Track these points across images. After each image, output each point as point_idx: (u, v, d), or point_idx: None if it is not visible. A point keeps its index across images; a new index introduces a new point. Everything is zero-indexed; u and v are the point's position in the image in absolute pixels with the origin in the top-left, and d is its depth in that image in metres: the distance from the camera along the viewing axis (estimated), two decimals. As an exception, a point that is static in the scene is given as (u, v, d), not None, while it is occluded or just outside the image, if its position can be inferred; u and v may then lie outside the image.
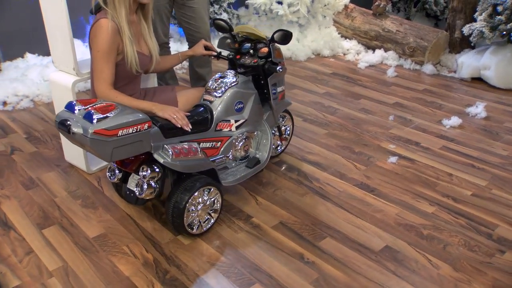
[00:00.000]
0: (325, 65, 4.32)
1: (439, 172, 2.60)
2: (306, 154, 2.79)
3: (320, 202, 2.34)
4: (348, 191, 2.43)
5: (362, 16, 4.66)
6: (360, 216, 2.24)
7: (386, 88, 3.78)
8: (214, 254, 2.00)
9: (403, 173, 2.59)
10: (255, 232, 2.13)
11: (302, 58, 4.47)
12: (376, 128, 3.10)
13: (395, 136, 2.99)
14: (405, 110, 3.38)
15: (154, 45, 2.26)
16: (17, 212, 2.28)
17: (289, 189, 2.45)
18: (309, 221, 2.20)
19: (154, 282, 1.85)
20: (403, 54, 4.31)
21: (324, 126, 3.13)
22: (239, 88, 2.25)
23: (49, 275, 1.89)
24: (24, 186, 2.49)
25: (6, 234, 2.13)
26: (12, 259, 1.98)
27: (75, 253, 2.01)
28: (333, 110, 3.37)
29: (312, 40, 4.68)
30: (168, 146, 1.92)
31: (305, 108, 3.40)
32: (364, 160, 2.71)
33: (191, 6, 2.95)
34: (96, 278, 1.87)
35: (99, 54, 2.01)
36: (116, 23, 2.01)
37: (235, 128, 2.27)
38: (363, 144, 2.90)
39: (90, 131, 1.66)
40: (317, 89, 3.75)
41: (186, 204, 1.96)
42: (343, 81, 3.93)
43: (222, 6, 4.54)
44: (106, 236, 2.11)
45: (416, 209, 2.28)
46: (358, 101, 3.52)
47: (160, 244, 2.06)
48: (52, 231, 2.15)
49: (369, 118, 3.24)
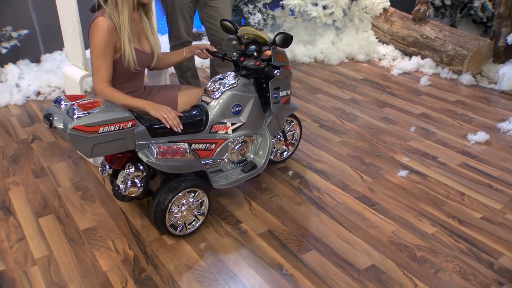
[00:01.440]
0: (356, 70, 4.18)
1: (450, 190, 2.43)
2: (313, 161, 2.71)
3: (315, 212, 2.26)
4: (347, 203, 2.33)
5: (401, 21, 4.46)
6: (352, 230, 2.13)
7: (415, 97, 3.60)
8: (194, 257, 1.98)
9: (410, 188, 2.45)
10: (240, 238, 2.09)
11: (334, 62, 4.36)
12: (393, 139, 2.95)
13: (412, 149, 2.83)
14: (430, 121, 3.20)
15: (155, 42, 2.27)
16: (20, 199, 2.37)
17: (286, 196, 2.39)
18: (298, 231, 2.13)
19: (128, 279, 1.86)
20: (441, 62, 4.09)
21: (339, 134, 3.02)
22: (237, 91, 2.21)
23: (33, 263, 1.96)
24: (34, 174, 2.59)
25: (6, 219, 2.23)
26: (4, 244, 2.07)
27: (62, 244, 2.06)
28: (353, 118, 3.25)
29: (347, 44, 4.55)
30: (154, 146, 1.92)
31: (324, 114, 3.30)
32: (373, 172, 2.59)
33: (213, 6, 2.95)
34: (74, 270, 1.91)
35: (96, 52, 2.05)
36: (114, 21, 2.04)
37: (232, 131, 2.23)
38: (375, 155, 2.77)
39: (70, 126, 1.69)
40: (342, 95, 3.64)
41: (168, 204, 1.96)
42: (371, 87, 3.79)
43: (257, 6, 4.51)
44: (96, 229, 2.16)
45: (415, 228, 2.15)
46: (382, 110, 3.38)
47: (144, 242, 2.07)
48: (47, 220, 2.22)
49: (389, 128, 3.10)
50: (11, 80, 3.69)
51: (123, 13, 2.04)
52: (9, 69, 3.74)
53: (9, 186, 2.49)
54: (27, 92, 3.62)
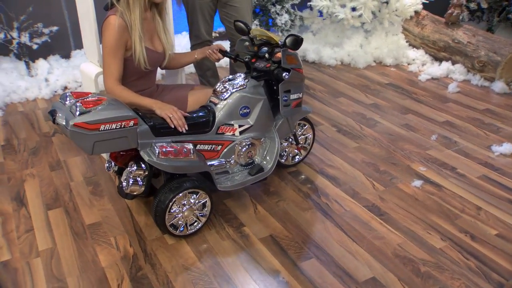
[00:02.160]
0: (383, 75, 4.07)
1: (466, 203, 2.32)
2: (326, 166, 2.65)
3: (320, 219, 2.21)
4: (355, 211, 2.27)
5: (433, 25, 4.32)
6: (357, 240, 2.07)
7: (441, 104, 3.47)
8: (192, 258, 1.98)
9: (423, 199, 2.35)
10: (241, 242, 2.07)
11: (361, 65, 4.26)
12: (412, 147, 2.85)
13: (430, 158, 2.72)
14: (454, 130, 3.07)
15: (168, 42, 2.28)
16: (34, 191, 2.44)
17: (293, 201, 2.34)
18: (300, 238, 2.09)
19: (124, 277, 1.88)
20: (472, 68, 3.92)
21: (356, 139, 2.95)
22: (246, 93, 2.19)
23: (37, 254, 2.00)
24: (50, 167, 2.66)
25: (18, 210, 2.30)
26: (13, 234, 2.13)
27: (67, 237, 2.10)
28: (373, 123, 3.16)
29: (376, 47, 4.44)
30: (157, 145, 1.93)
31: (344, 118, 3.23)
32: (386, 181, 2.51)
33: (233, 6, 2.94)
34: (75, 265, 1.94)
35: (106, 50, 2.07)
36: (126, 20, 2.06)
37: (239, 133, 2.21)
38: (391, 162, 2.68)
39: (71, 123, 1.72)
40: (365, 99, 3.55)
41: (169, 203, 1.96)
42: (396, 93, 3.68)
43: (284, 7, 4.47)
44: (100, 225, 2.19)
45: (423, 241, 2.06)
46: (404, 116, 3.27)
47: (146, 240, 2.08)
48: (56, 213, 2.27)
49: (409, 135, 2.99)
50: (40, 75, 3.80)
51: (135, 12, 2.06)
52: (39, 64, 3.86)
53: (26, 177, 2.56)
54: (54, 86, 3.73)
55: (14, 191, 2.44)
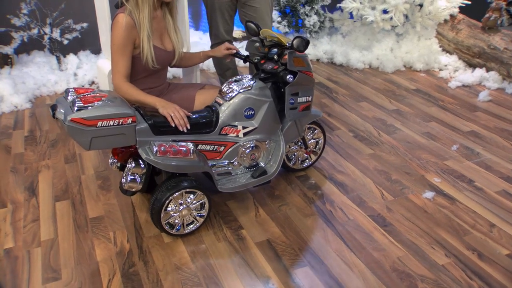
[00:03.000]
0: (411, 80, 3.94)
1: (479, 219, 2.20)
2: (336, 172, 2.58)
3: (321, 227, 2.15)
4: (358, 220, 2.20)
5: (468, 29, 4.13)
6: (355, 251, 2.00)
7: (468, 113, 3.31)
8: (185, 258, 1.98)
9: (433, 212, 2.25)
10: (236, 245, 2.05)
11: (389, 70, 4.14)
12: (430, 157, 2.73)
13: (448, 169, 2.60)
14: (478, 141, 2.92)
15: (178, 40, 2.29)
16: (46, 182, 2.51)
17: (296, 206, 2.30)
18: (297, 245, 2.05)
19: (116, 272, 1.90)
20: (508, 76, 3.73)
21: (372, 146, 2.86)
22: (250, 94, 2.16)
23: (38, 244, 2.06)
24: (65, 159, 2.74)
25: (28, 200, 2.37)
26: (19, 223, 2.20)
27: (69, 229, 2.15)
28: (392, 130, 3.06)
29: (407, 52, 4.30)
30: (155, 143, 1.94)
31: (362, 124, 3.14)
32: (396, 190, 2.42)
33: (252, 6, 2.92)
34: (71, 257, 1.98)
35: (114, 47, 2.10)
36: (134, 18, 2.08)
37: (243, 135, 2.19)
38: (405, 172, 2.58)
39: (68, 118, 1.76)
40: (388, 105, 3.44)
41: (165, 202, 1.97)
42: (422, 99, 3.54)
43: (314, 8, 4.41)
44: (102, 219, 2.22)
45: (425, 256, 1.97)
46: (427, 124, 3.15)
47: (143, 237, 2.10)
48: (63, 205, 2.33)
49: (428, 144, 2.87)
50: (70, 69, 3.93)
51: (144, 11, 2.08)
52: (69, 59, 3.99)
53: (41, 168, 2.65)
54: (82, 81, 3.83)
55: (29, 181, 2.53)
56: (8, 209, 2.30)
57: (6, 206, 2.32)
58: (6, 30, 3.74)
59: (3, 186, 2.48)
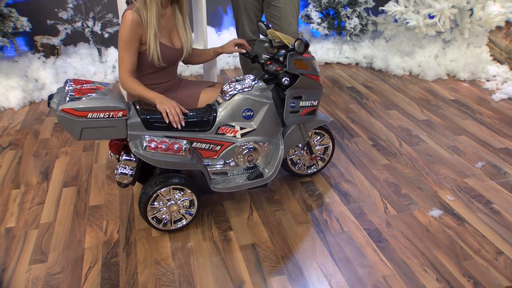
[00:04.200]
0: (451, 90, 3.70)
1: (486, 245, 2.02)
2: (343, 181, 2.49)
3: (312, 236, 2.08)
4: (352, 233, 2.10)
5: (522, 38, 3.82)
6: (340, 265, 1.91)
7: (507, 129, 3.06)
8: (167, 254, 1.99)
9: (436, 232, 2.10)
10: (220, 246, 2.03)
11: (430, 78, 3.92)
12: (449, 172, 2.56)
13: (465, 187, 2.42)
14: (509, 159, 2.69)
15: (187, 38, 2.30)
16: (60, 168, 2.63)
17: (292, 212, 2.24)
18: (281, 252, 1.99)
19: (98, 260, 1.95)
20: (560, 91, 3.40)
21: (389, 156, 2.72)
22: (249, 95, 2.13)
23: (36, 226, 2.16)
24: (84, 147, 2.85)
25: (40, 183, 2.50)
26: (26, 205, 2.32)
27: (67, 215, 2.24)
28: (415, 141, 2.90)
29: (452, 60, 4.05)
30: (146, 138, 1.97)
31: (385, 132, 3.00)
32: (402, 205, 2.29)
33: (277, 6, 2.89)
34: (61, 241, 2.06)
35: (121, 44, 2.15)
36: (141, 16, 2.12)
37: (240, 136, 2.17)
38: (417, 186, 2.44)
39: (59, 108, 1.82)
40: (418, 115, 3.26)
41: (152, 196, 1.99)
42: (458, 111, 3.32)
43: (356, 11, 4.28)
44: (100, 208, 2.29)
45: (413, 278, 1.84)
46: (456, 137, 2.94)
47: (133, 229, 2.14)
48: (69, 191, 2.43)
49: (451, 159, 2.69)
50: (109, 62, 4.09)
51: (151, 9, 2.10)
52: (110, 52, 4.15)
53: (60, 154, 2.78)
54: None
55: (45, 165, 2.66)
56: (20, 191, 2.43)
57: (19, 188, 2.45)
58: (54, 23, 3.96)
59: (23, 168, 2.63)
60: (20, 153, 2.79)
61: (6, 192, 2.42)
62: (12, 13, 3.65)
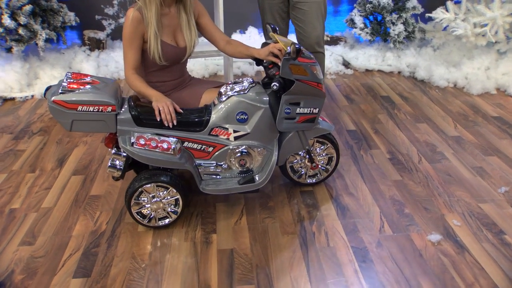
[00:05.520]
0: (497, 106, 3.41)
1: (482, 278, 1.83)
2: (345, 193, 2.38)
3: (293, 248, 2.01)
4: (337, 249, 1.99)
5: None
6: (313, 281, 1.83)
7: (548, 152, 2.77)
8: (145, 249, 2.01)
9: (429, 258, 1.94)
10: (199, 247, 2.02)
11: (475, 92, 3.64)
12: (465, 195, 2.35)
13: (479, 213, 2.21)
14: (540, 187, 2.43)
15: (191, 38, 2.30)
16: (76, 157, 2.76)
17: (282, 222, 2.18)
18: (258, 261, 1.94)
19: (80, 249, 2.01)
20: None
21: (403, 172, 2.56)
22: (244, 98, 2.10)
23: (36, 210, 2.28)
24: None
25: (54, 169, 2.63)
26: (35, 189, 2.45)
27: (67, 202, 2.33)
28: (438, 158, 2.70)
29: (504, 73, 3.74)
30: (135, 134, 2.00)
31: (407, 147, 2.83)
32: (401, 225, 2.14)
33: (301, 8, 2.83)
34: (54, 227, 2.15)
35: (124, 41, 2.20)
36: (142, 14, 2.15)
37: (234, 139, 2.14)
38: (424, 206, 2.27)
39: (51, 99, 1.91)
40: (450, 131, 3.04)
41: (136, 190, 2.02)
42: (497, 129, 3.05)
43: (402, 17, 4.07)
44: (99, 198, 2.37)
45: (388, 305, 1.71)
46: (485, 158, 2.71)
47: (122, 222, 2.18)
48: (77, 179, 2.54)
49: (472, 181, 2.47)
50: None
51: (151, 9, 2.13)
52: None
53: (79, 143, 2.91)
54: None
55: (64, 153, 2.80)
56: (35, 175, 2.57)
57: (34, 172, 2.60)
58: (101, 18, 4.16)
59: (44, 154, 2.79)
60: (46, 140, 2.96)
61: (22, 175, 2.57)
62: (62, 8, 3.88)
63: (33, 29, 3.61)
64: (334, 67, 4.17)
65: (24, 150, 2.84)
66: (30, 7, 3.52)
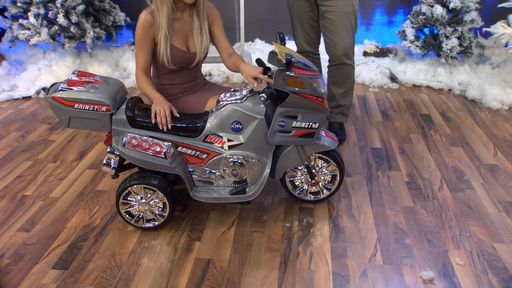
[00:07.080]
0: (552, 134, 3.06)
1: (468, 328, 1.64)
2: (346, 216, 2.25)
3: (273, 267, 1.93)
4: (318, 274, 1.88)
5: None
6: (280, 304, 1.74)
7: None
8: (127, 249, 2.03)
9: (414, 297, 1.77)
10: (179, 253, 2.01)
11: (531, 116, 3.29)
12: (480, 231, 2.12)
13: (490, 254, 1.98)
14: None
15: (201, 44, 2.30)
16: (96, 151, 2.87)
17: (269, 238, 2.10)
18: (232, 275, 1.88)
19: (68, 241, 2.08)
20: None
21: (418, 198, 2.37)
22: (239, 107, 2.06)
23: (43, 198, 2.40)
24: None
25: (73, 161, 2.76)
26: (51, 178, 2.59)
27: (73, 194, 2.43)
28: (462, 187, 2.47)
29: None
30: (128, 135, 2.04)
31: (432, 171, 2.62)
32: (394, 256, 1.97)
33: (329, 18, 2.75)
34: (53, 217, 2.25)
35: (135, 42, 2.26)
36: (154, 17, 2.19)
37: (228, 147, 2.11)
38: (428, 239, 2.08)
39: (51, 95, 2.00)
40: (487, 158, 2.77)
41: (124, 189, 2.06)
42: (544, 160, 2.73)
43: (457, 30, 3.79)
44: (103, 193, 2.44)
45: None
46: (518, 192, 2.43)
47: (114, 219, 2.23)
48: (90, 173, 2.64)
49: (494, 217, 2.22)
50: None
51: (162, 13, 2.16)
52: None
53: (104, 138, 3.02)
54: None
55: (87, 146, 2.93)
56: (55, 165, 2.72)
57: (56, 162, 2.75)
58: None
59: (70, 146, 2.94)
60: (76, 132, 3.11)
61: (44, 164, 2.72)
62: (114, 8, 4.07)
63: (83, 27, 3.82)
64: (379, 80, 3.98)
65: (54, 140, 3.01)
66: (83, 6, 3.73)
